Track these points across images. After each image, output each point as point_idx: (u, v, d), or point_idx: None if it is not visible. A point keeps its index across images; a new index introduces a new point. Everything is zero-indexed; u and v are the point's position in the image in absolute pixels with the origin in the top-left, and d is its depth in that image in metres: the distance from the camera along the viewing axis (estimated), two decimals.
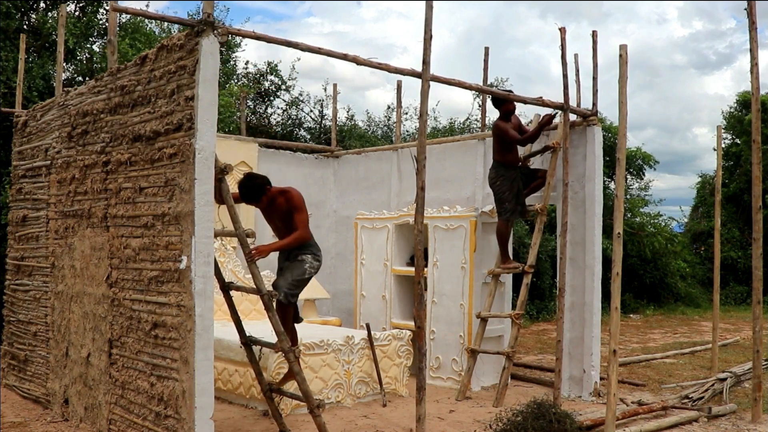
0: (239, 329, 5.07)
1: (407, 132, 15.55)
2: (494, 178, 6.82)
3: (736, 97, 19.22)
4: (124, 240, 4.87)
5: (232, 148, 8.51)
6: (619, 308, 4.77)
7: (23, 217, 6.51)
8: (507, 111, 6.78)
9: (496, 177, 6.80)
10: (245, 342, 5.10)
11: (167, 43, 4.45)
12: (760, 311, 5.93)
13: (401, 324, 7.48)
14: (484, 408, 6.18)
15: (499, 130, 6.71)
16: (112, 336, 5.00)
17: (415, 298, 5.12)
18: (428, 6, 5.00)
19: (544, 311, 13.49)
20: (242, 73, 14.83)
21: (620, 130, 4.89)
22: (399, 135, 9.39)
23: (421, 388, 4.98)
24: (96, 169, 5.25)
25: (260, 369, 5.16)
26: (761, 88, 6.06)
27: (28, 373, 6.37)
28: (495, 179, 6.81)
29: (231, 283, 5.07)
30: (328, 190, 9.43)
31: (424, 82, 5.10)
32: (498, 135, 6.75)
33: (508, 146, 6.78)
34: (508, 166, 6.78)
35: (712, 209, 16.97)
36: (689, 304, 16.38)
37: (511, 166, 6.78)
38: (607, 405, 4.66)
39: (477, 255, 7.02)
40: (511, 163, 6.80)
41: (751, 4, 5.77)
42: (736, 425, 5.67)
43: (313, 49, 4.90)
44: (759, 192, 5.95)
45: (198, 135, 4.17)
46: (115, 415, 4.93)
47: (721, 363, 8.28)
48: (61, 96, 5.94)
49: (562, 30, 6.67)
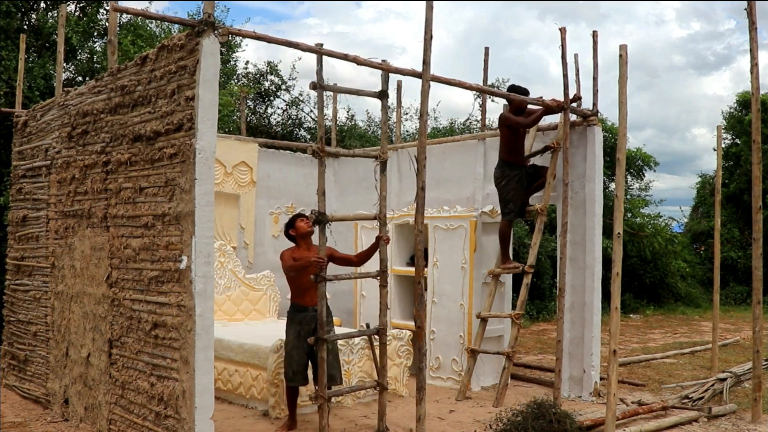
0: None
1: (407, 132, 15.56)
2: (500, 177, 6.79)
3: (736, 98, 19.23)
4: (125, 240, 4.87)
5: (232, 148, 8.51)
6: (619, 308, 4.77)
7: (23, 217, 6.51)
8: (518, 108, 6.76)
9: (502, 177, 6.77)
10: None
11: (168, 44, 4.45)
12: (760, 311, 5.93)
13: (401, 324, 7.48)
14: (484, 408, 6.18)
15: (504, 118, 6.67)
16: (112, 336, 5.00)
17: (416, 298, 5.12)
18: (428, 6, 5.00)
19: (544, 311, 13.49)
20: (242, 73, 14.85)
21: (620, 130, 4.90)
22: (399, 135, 9.39)
23: (421, 388, 4.97)
24: (96, 169, 5.26)
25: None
26: (761, 88, 6.06)
27: (28, 373, 6.37)
28: (500, 179, 6.78)
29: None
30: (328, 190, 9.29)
31: (425, 82, 5.09)
32: (504, 124, 6.69)
33: (514, 141, 6.72)
34: (514, 165, 6.75)
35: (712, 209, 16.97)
36: (689, 304, 16.38)
37: (517, 166, 6.76)
38: (607, 405, 4.66)
39: (477, 255, 7.02)
40: (518, 162, 6.77)
41: (751, 5, 5.77)
42: (736, 425, 5.67)
43: (313, 50, 4.90)
44: (759, 192, 5.95)
45: (198, 135, 4.17)
46: (115, 415, 4.93)
47: (721, 363, 8.28)
48: (62, 96, 5.94)
49: (562, 30, 6.67)
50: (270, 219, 9.06)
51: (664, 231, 16.39)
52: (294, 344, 5.15)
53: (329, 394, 4.96)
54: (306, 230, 5.26)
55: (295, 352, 5.14)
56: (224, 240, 8.24)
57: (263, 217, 8.99)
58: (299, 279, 5.14)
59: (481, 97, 8.89)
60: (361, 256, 5.47)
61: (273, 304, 8.05)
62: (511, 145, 6.76)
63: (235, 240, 8.54)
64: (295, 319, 5.19)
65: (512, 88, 6.79)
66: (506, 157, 6.78)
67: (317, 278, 4.91)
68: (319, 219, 4.92)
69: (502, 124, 6.75)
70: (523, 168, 6.81)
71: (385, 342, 5.33)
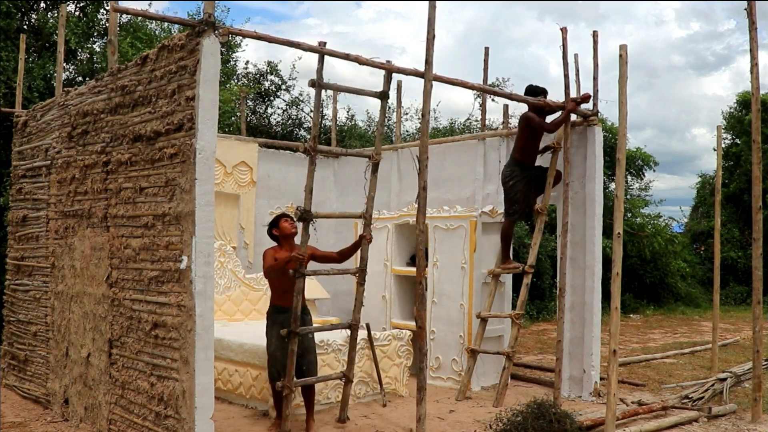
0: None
1: (407, 132, 15.56)
2: (508, 177, 6.75)
3: (736, 98, 19.24)
4: (125, 240, 4.87)
5: (232, 148, 8.51)
6: (619, 308, 4.77)
7: (23, 217, 6.51)
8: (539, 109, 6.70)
9: (511, 176, 6.72)
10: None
11: (168, 44, 4.45)
12: (760, 311, 5.93)
13: (401, 324, 7.48)
14: (484, 408, 6.18)
15: (528, 118, 6.59)
16: (112, 336, 5.00)
17: (417, 297, 5.12)
18: (431, 6, 4.99)
19: (544, 311, 13.49)
20: (242, 73, 14.84)
21: (620, 130, 4.89)
22: (399, 135, 9.39)
23: (421, 388, 4.97)
24: (96, 169, 5.25)
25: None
26: (761, 88, 6.06)
27: (28, 373, 6.37)
28: (509, 179, 6.74)
29: None
30: (328, 190, 9.42)
31: (427, 82, 5.09)
32: (526, 124, 6.62)
33: (531, 143, 6.68)
34: (525, 166, 6.72)
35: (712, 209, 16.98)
36: (689, 304, 16.38)
37: (527, 167, 6.73)
38: (607, 405, 4.66)
39: (477, 255, 7.02)
40: (529, 164, 6.75)
41: (751, 5, 5.77)
42: (736, 425, 5.67)
43: (315, 49, 4.90)
44: (759, 192, 5.95)
45: (198, 135, 4.17)
46: (115, 415, 4.93)
47: (721, 363, 8.28)
48: (62, 96, 5.94)
49: (563, 30, 6.67)
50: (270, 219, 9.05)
51: (664, 231, 16.39)
52: (277, 345, 5.12)
53: (296, 383, 5.00)
54: (290, 231, 5.24)
55: (279, 353, 5.11)
56: (224, 240, 8.24)
57: (263, 217, 8.97)
58: (281, 279, 5.10)
59: (481, 97, 8.89)
60: (342, 253, 5.46)
61: None
62: (528, 147, 6.71)
63: (235, 240, 8.54)
64: (277, 320, 5.14)
65: (529, 88, 6.76)
66: (519, 157, 6.73)
67: (296, 273, 4.92)
68: (303, 216, 4.93)
69: (524, 123, 6.67)
70: (532, 170, 6.79)
71: (356, 337, 5.52)
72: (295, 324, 4.93)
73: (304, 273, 4.98)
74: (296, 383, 5.03)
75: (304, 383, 5.16)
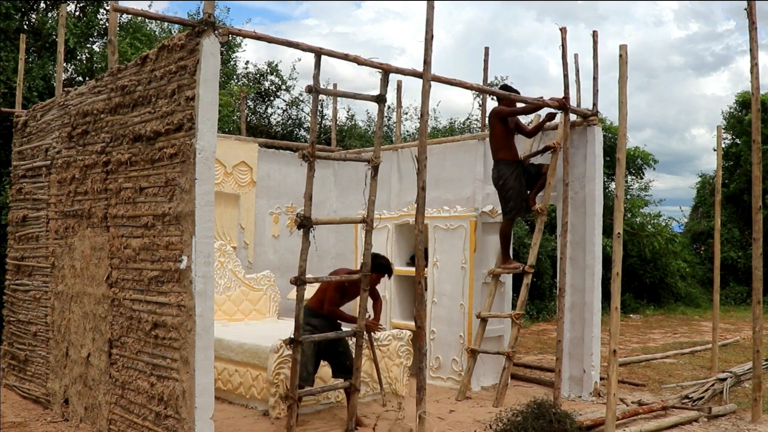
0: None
1: (407, 132, 15.56)
2: (497, 178, 6.77)
3: (736, 98, 19.23)
4: (125, 240, 4.87)
5: (232, 148, 8.52)
6: (619, 308, 4.77)
7: (23, 217, 6.51)
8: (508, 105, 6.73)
9: (499, 177, 6.74)
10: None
11: (168, 44, 4.45)
12: (760, 311, 5.93)
13: (401, 324, 7.48)
14: (484, 408, 6.18)
15: (498, 110, 6.61)
16: (112, 336, 5.00)
17: (416, 298, 5.12)
18: (429, 6, 5.00)
19: (544, 311, 13.49)
20: (242, 73, 14.85)
21: (620, 130, 4.89)
22: (399, 135, 9.39)
23: (421, 388, 4.98)
24: (96, 169, 5.25)
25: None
26: (761, 88, 6.06)
27: (28, 373, 6.37)
28: (498, 179, 6.75)
29: None
30: (328, 190, 9.42)
31: (425, 82, 5.09)
32: (499, 119, 6.62)
33: (505, 137, 6.68)
34: (509, 162, 6.71)
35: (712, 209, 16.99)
36: (689, 304, 16.38)
37: (511, 162, 6.72)
38: (607, 405, 4.66)
39: (477, 255, 7.02)
40: (511, 159, 6.74)
41: (751, 5, 5.77)
42: (736, 425, 5.67)
43: (313, 50, 4.90)
44: (759, 192, 5.95)
45: (198, 135, 4.17)
46: (115, 415, 4.93)
47: (721, 363, 8.28)
48: (61, 96, 5.94)
49: (563, 30, 6.67)
50: (270, 219, 9.07)
51: (664, 231, 16.39)
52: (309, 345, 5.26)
53: (299, 393, 5.02)
54: (376, 284, 5.59)
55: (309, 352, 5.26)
56: (224, 240, 8.25)
57: (263, 217, 9.00)
58: (343, 300, 5.65)
59: (481, 96, 8.89)
60: (375, 311, 5.88)
61: (273, 304, 8.04)
62: (503, 142, 6.69)
63: (235, 240, 8.55)
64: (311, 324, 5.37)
65: (504, 87, 6.84)
66: (499, 156, 6.74)
67: (297, 281, 4.92)
68: (303, 223, 4.91)
69: (495, 118, 6.66)
70: (518, 164, 6.77)
71: (361, 345, 5.40)
72: (297, 333, 4.94)
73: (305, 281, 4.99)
74: (300, 393, 5.06)
75: (307, 393, 5.26)
